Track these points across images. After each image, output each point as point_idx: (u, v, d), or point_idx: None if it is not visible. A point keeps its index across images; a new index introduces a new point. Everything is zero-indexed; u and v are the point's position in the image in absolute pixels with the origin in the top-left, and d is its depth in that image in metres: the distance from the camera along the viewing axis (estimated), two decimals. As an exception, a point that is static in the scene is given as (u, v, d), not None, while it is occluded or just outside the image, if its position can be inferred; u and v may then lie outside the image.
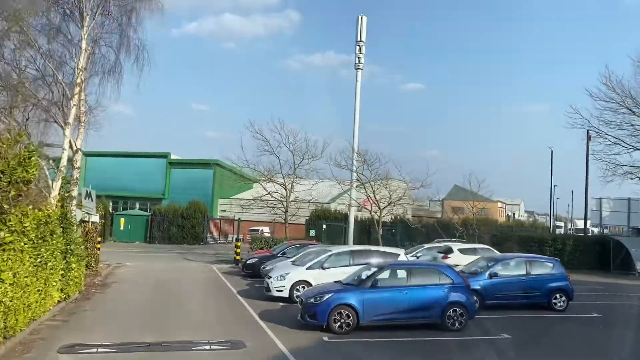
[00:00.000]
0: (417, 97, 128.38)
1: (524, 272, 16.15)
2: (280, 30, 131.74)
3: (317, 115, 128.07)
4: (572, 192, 79.10)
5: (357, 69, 39.73)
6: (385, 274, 13.18)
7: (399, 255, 17.17)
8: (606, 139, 33.23)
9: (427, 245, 25.58)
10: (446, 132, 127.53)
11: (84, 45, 16.87)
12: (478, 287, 15.19)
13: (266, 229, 57.20)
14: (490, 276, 15.80)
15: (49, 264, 12.90)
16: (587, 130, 35.59)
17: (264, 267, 21.66)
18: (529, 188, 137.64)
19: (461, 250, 22.64)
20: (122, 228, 43.73)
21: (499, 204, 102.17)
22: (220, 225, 48.16)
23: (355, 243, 34.54)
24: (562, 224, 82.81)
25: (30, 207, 11.62)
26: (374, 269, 13.46)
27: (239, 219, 30.56)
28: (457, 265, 22.19)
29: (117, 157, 78.12)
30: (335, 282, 13.87)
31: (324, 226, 33.51)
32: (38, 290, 12.10)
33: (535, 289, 15.78)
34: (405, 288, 12.83)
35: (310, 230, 33.65)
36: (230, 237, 49.52)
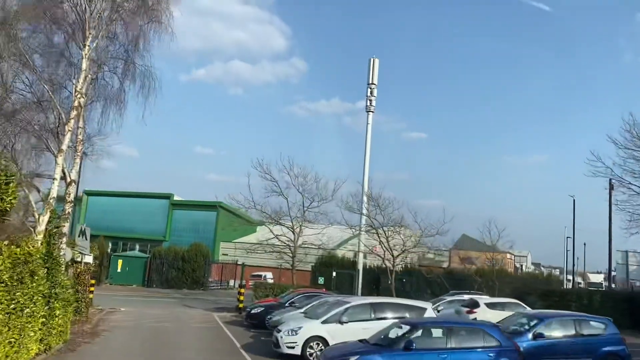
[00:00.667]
0: (420, 146, 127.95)
1: (573, 333, 14.06)
2: (286, 77, 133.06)
3: (322, 162, 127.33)
4: (585, 244, 76.61)
5: (368, 111, 38.70)
6: (419, 333, 11.21)
7: (425, 309, 15.15)
8: (630, 188, 31.45)
9: (448, 298, 23.43)
10: (449, 181, 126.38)
11: (84, 65, 15.40)
12: (521, 350, 13.11)
13: (269, 275, 54.94)
14: (535, 337, 13.72)
15: (25, 311, 11.00)
16: (610, 179, 33.86)
17: (271, 318, 19.62)
18: (535, 239, 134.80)
19: (489, 305, 20.52)
20: (119, 270, 41.64)
21: (508, 255, 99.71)
22: (223, 270, 45.98)
23: (363, 293, 32.45)
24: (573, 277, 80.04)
25: (6, 242, 9.87)
26: (405, 327, 11.49)
27: (243, 263, 28.53)
28: (485, 322, 20.13)
29: (119, 197, 76.68)
30: (360, 341, 11.87)
31: (334, 273, 31.44)
32: (10, 342, 10.18)
33: (587, 353, 13.68)
34: (445, 351, 10.83)
35: (319, 278, 31.58)
36: (232, 283, 47.26)
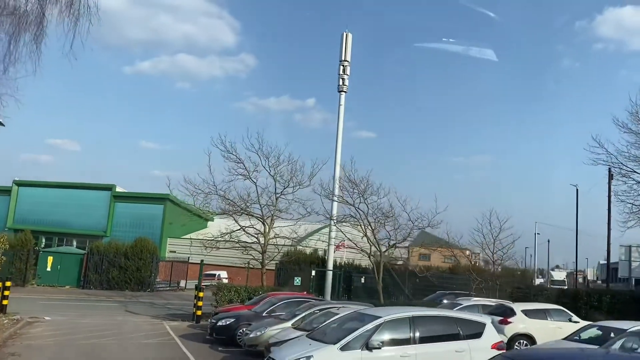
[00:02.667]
0: (371, 145, 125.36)
1: None
2: (235, 73, 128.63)
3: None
4: (549, 240, 74.75)
5: (340, 91, 34.43)
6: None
7: (484, 324, 10.60)
8: (631, 178, 28.11)
9: (465, 303, 18.92)
10: (399, 181, 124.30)
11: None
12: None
13: (224, 274, 49.60)
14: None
15: None
16: (609, 168, 30.56)
17: (247, 334, 14.69)
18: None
19: (527, 313, 16.20)
20: (48, 269, 35.38)
21: (467, 252, 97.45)
22: (172, 269, 40.28)
23: (332, 294, 27.88)
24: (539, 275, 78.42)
25: None
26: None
27: (202, 261, 23.23)
28: (526, 335, 15.80)
29: (54, 188, 69.48)
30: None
31: (313, 272, 26.59)
32: None
33: None
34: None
35: (296, 278, 26.68)
36: (182, 283, 41.65)
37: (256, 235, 24.79)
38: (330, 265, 30.12)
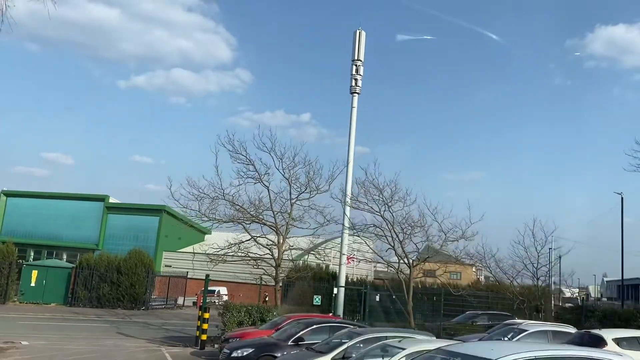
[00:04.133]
0: (361, 160, 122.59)
1: None
2: (231, 88, 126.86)
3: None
4: (560, 257, 71.35)
5: (352, 92, 31.81)
6: None
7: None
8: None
9: (530, 329, 15.60)
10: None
11: None
12: None
13: (223, 290, 46.27)
14: None
15: None
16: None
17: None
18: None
19: (619, 342, 13.01)
20: (33, 284, 31.92)
21: (473, 268, 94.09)
22: (169, 285, 36.89)
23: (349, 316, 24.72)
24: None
25: None
26: None
27: (208, 275, 19.92)
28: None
29: (44, 199, 66.27)
30: None
31: (335, 290, 23.27)
32: None
33: None
34: None
35: (316, 297, 23.42)
36: (180, 301, 38.25)
37: (269, 247, 21.60)
38: (342, 281, 27.05)
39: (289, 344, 13.21)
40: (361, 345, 11.13)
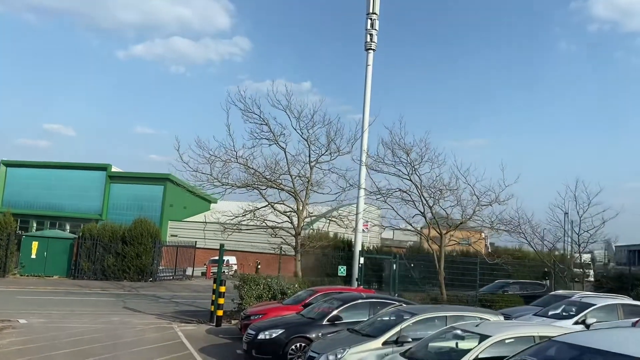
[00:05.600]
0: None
1: None
2: (230, 56, 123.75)
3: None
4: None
5: (368, 49, 29.59)
6: None
7: None
8: None
9: (599, 303, 13.59)
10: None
11: None
12: None
13: (232, 259, 44.77)
14: None
15: None
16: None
17: (312, 358, 9.59)
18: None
19: None
20: (33, 256, 30.22)
21: (482, 234, 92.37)
22: (177, 255, 35.21)
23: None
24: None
25: None
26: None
27: (222, 245, 18.06)
28: None
29: (45, 169, 64.47)
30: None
31: (361, 260, 21.32)
32: None
33: None
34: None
35: (340, 267, 21.60)
36: (189, 271, 36.65)
37: (288, 214, 19.69)
38: (358, 249, 25.30)
39: (324, 323, 11.40)
40: (417, 327, 9.30)
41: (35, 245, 30.45)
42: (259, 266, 41.99)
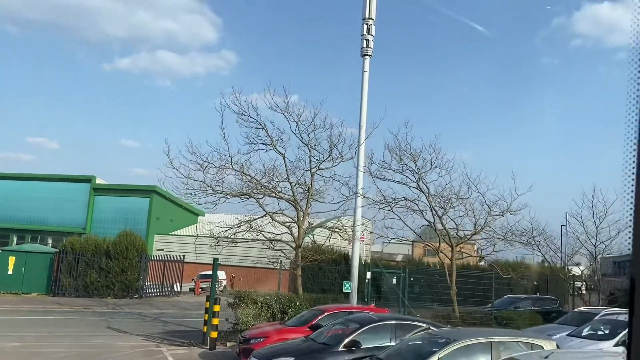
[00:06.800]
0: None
1: None
2: (217, 70, 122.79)
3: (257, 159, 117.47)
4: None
5: (364, 55, 28.37)
6: None
7: None
8: None
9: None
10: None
11: None
12: None
13: (221, 274, 42.89)
14: None
15: None
16: None
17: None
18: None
19: None
20: (10, 272, 28.24)
21: (475, 247, 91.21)
22: (164, 270, 33.38)
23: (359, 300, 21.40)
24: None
25: None
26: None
27: (216, 259, 16.43)
28: None
29: (27, 181, 62.44)
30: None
31: (368, 275, 19.76)
32: None
33: None
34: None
35: (346, 283, 19.96)
36: (177, 287, 34.81)
37: (287, 224, 18.12)
38: (355, 262, 23.83)
39: (340, 349, 9.83)
40: (458, 356, 7.79)
41: (12, 260, 28.48)
42: (233, 279, 41.04)
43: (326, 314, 12.97)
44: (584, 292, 32.63)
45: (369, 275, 19.83)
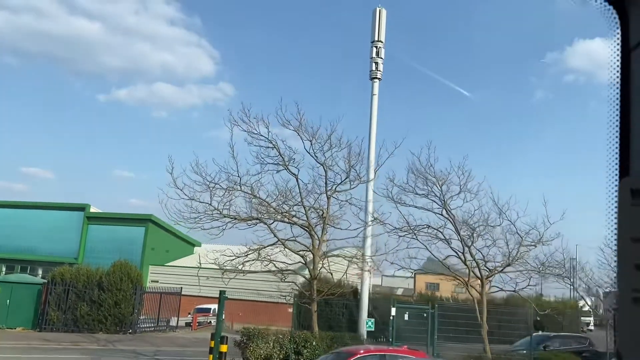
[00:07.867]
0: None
1: None
2: (214, 101, 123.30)
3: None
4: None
5: (373, 78, 27.64)
6: None
7: None
8: None
9: None
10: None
11: None
12: None
13: (213, 308, 40.80)
14: None
15: None
16: None
17: None
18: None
19: None
20: (-6, 304, 26.16)
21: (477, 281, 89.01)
22: (160, 303, 31.25)
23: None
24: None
25: None
26: None
27: (222, 292, 14.53)
28: None
29: (18, 209, 60.48)
30: None
31: (393, 311, 17.87)
32: None
33: None
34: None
35: (368, 321, 17.98)
36: (173, 321, 32.61)
37: (302, 253, 16.29)
38: (365, 295, 22.03)
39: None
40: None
41: (-4, 291, 26.38)
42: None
43: (357, 356, 11.07)
44: (592, 328, 30.82)
45: (393, 311, 17.88)
